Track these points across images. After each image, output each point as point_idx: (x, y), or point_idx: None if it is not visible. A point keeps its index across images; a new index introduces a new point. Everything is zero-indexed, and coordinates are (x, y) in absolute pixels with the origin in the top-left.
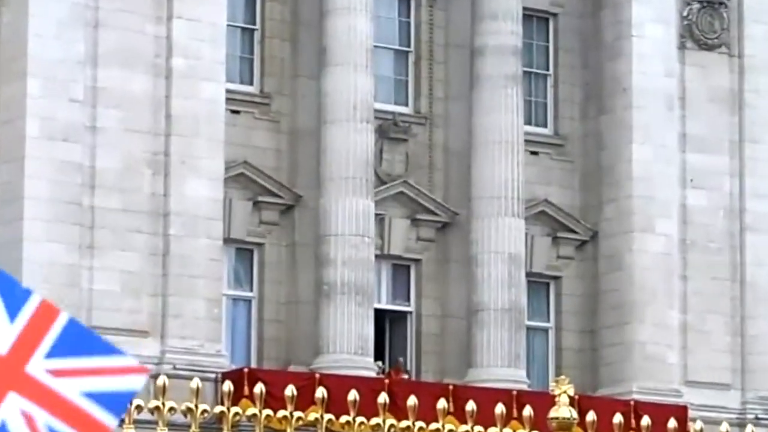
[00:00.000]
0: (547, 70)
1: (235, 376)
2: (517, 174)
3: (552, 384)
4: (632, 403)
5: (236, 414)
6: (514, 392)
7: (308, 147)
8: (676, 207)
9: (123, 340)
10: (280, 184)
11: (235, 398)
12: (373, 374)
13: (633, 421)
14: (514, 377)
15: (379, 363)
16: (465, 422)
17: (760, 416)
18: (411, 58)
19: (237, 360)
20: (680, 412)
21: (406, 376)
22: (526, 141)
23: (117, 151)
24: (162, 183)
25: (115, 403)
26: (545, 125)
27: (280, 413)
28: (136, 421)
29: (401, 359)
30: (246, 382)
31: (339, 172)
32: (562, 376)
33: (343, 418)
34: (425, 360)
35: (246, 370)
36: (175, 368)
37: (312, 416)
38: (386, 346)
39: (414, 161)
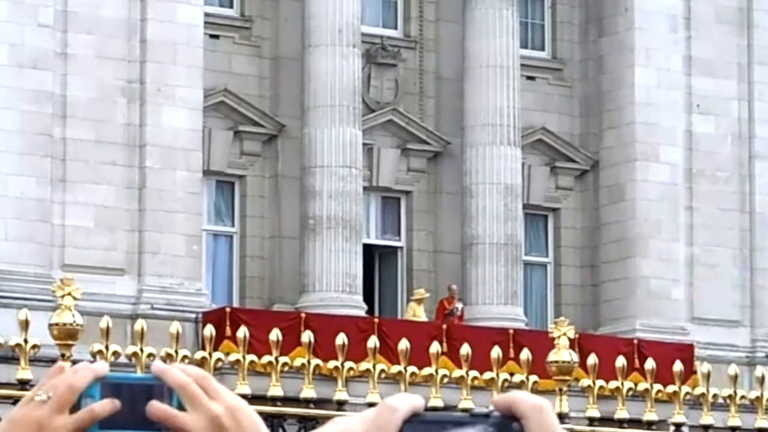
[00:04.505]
0: None
1: (215, 316)
2: (513, 100)
3: (551, 325)
4: (635, 341)
5: (218, 360)
6: (511, 331)
7: (292, 73)
8: (681, 134)
9: (97, 278)
10: (262, 112)
11: (217, 340)
12: (361, 313)
13: (636, 361)
14: (511, 315)
15: (457, 305)
16: (459, 365)
17: None
18: None
19: (218, 299)
20: (686, 351)
21: (459, 305)
22: (523, 65)
23: (89, 79)
24: (137, 113)
25: None
26: (542, 48)
27: (265, 359)
28: (112, 365)
29: (455, 286)
30: (228, 323)
31: (324, 100)
32: (562, 317)
33: (331, 364)
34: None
35: (228, 309)
36: (152, 308)
37: (298, 362)
38: (375, 284)
39: (404, 88)
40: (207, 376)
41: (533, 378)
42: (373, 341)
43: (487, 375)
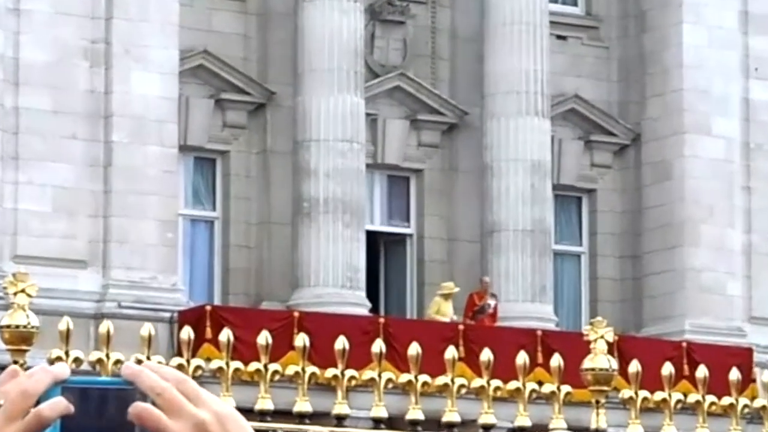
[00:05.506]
0: None
1: (194, 316)
2: (541, 64)
3: (586, 326)
4: (684, 344)
5: (198, 367)
6: (539, 333)
7: (282, 32)
8: (736, 102)
9: (56, 272)
10: (248, 78)
11: (196, 344)
12: (365, 312)
13: (686, 368)
14: (539, 314)
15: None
16: (479, 373)
17: None
18: None
19: (197, 296)
20: (743, 356)
21: (491, 302)
22: (552, 23)
23: (47, 39)
24: (102, 78)
25: None
26: (575, 3)
27: (252, 366)
28: (74, 374)
29: (487, 278)
30: (208, 324)
31: (321, 63)
32: (599, 317)
33: (330, 372)
34: (429, 293)
35: (208, 308)
36: (120, 306)
37: (291, 369)
38: (381, 277)
39: (413, 49)
40: (186, 379)
41: (566, 388)
42: (378, 345)
43: (512, 384)
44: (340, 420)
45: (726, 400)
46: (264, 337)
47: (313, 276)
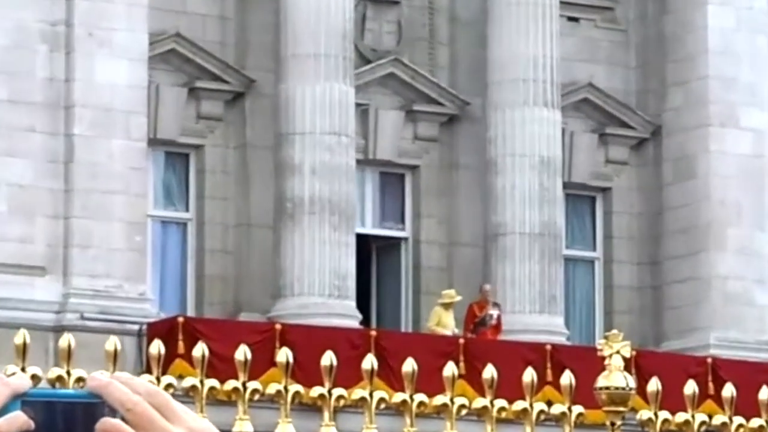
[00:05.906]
0: None
1: (165, 328)
2: (551, 49)
3: (600, 340)
4: (709, 360)
5: (169, 385)
6: (549, 347)
7: (263, 13)
8: (767, 92)
9: (11, 279)
10: (225, 64)
11: (167, 359)
12: (355, 324)
13: (711, 386)
14: (548, 326)
15: (492, 313)
16: (482, 392)
17: None
18: None
19: (168, 306)
20: None
21: (494, 312)
22: (563, 3)
23: (1, 21)
24: (63, 64)
25: None
26: None
27: (229, 384)
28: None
29: (488, 286)
30: (181, 337)
31: (306, 48)
32: (614, 330)
33: (315, 391)
34: (426, 303)
35: (180, 320)
36: (82, 318)
37: (273, 388)
38: (372, 286)
39: (409, 32)
40: (159, 391)
41: (577, 409)
42: (369, 361)
43: (518, 405)
44: None
45: (755, 422)
46: (242, 352)
47: (297, 284)
